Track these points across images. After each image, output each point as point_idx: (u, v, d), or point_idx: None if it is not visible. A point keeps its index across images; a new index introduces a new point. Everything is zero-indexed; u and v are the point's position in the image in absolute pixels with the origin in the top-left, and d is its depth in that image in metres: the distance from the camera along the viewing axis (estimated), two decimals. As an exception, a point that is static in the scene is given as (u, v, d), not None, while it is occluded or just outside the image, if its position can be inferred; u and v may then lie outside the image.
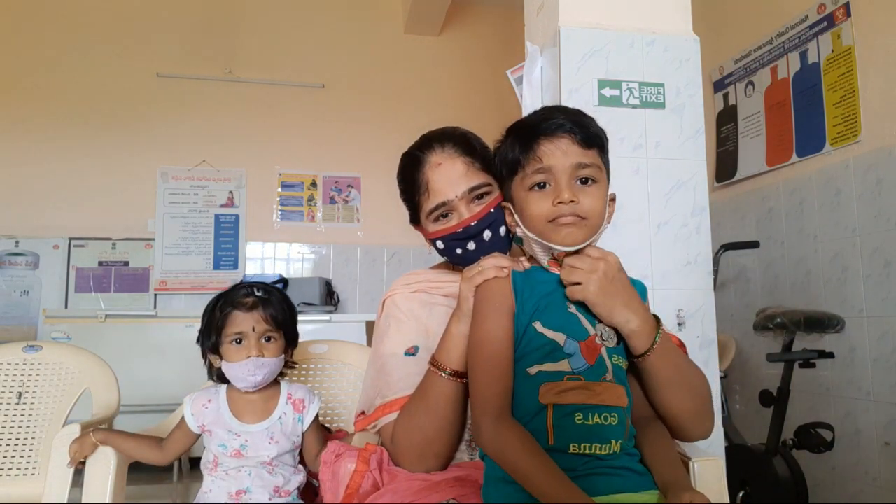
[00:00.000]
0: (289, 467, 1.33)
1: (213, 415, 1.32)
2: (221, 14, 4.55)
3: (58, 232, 4.14)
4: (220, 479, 1.30)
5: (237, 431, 1.31)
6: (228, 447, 1.30)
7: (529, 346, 0.92)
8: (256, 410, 1.33)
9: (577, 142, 0.95)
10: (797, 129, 3.01)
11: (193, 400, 1.35)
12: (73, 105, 4.25)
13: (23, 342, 1.81)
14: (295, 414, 1.34)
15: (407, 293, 1.21)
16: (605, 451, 0.87)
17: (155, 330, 3.52)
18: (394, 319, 1.18)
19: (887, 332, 2.51)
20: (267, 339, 1.30)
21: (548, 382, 0.89)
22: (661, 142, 1.72)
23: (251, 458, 1.29)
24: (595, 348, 0.92)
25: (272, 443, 1.30)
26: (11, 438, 1.72)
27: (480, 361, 0.93)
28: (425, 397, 1.02)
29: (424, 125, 1.35)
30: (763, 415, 2.56)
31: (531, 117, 1.02)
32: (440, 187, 1.14)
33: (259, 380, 1.29)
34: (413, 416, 1.03)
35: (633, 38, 1.74)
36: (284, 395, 1.36)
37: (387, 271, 4.55)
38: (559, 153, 0.94)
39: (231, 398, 1.34)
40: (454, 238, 1.13)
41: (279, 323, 1.32)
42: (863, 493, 2.57)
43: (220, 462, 1.31)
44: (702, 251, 1.71)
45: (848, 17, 2.73)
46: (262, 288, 1.36)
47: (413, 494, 0.96)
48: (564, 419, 0.87)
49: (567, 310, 0.95)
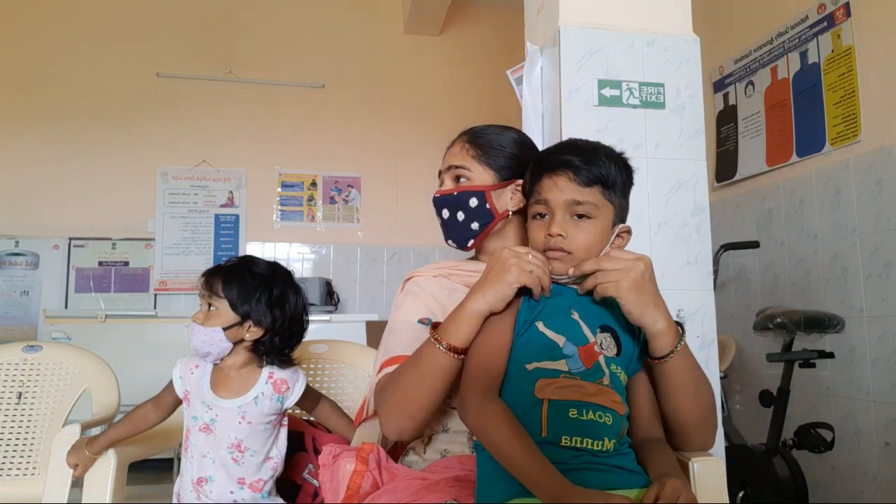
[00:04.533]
0: (257, 457, 1.28)
1: (195, 382, 1.31)
2: (221, 14, 4.55)
3: (58, 232, 4.14)
4: (188, 462, 1.28)
5: (210, 404, 1.29)
6: (199, 420, 1.28)
7: (530, 343, 0.96)
8: (233, 387, 1.31)
9: (575, 179, 1.01)
10: (797, 129, 3.01)
11: (183, 363, 1.34)
12: (73, 105, 4.25)
13: (23, 342, 1.81)
14: (274, 394, 1.31)
15: (429, 276, 1.25)
16: (598, 446, 0.89)
17: (155, 330, 3.52)
18: (412, 294, 1.22)
19: (887, 332, 2.51)
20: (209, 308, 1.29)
21: (544, 378, 0.92)
22: (661, 142, 1.72)
23: (217, 436, 1.27)
24: (593, 354, 0.95)
25: (242, 422, 1.27)
26: (11, 438, 1.73)
27: (477, 348, 0.97)
28: (419, 362, 1.02)
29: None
30: (763, 415, 2.56)
31: (548, 149, 1.12)
32: (444, 160, 1.31)
33: (194, 345, 1.27)
34: (402, 374, 1.04)
35: (633, 38, 1.74)
36: (265, 374, 1.33)
37: (387, 271, 4.55)
38: (556, 189, 1.02)
39: (215, 371, 1.33)
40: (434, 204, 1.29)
41: (220, 293, 1.28)
42: (863, 493, 2.57)
43: (189, 438, 1.28)
44: (702, 251, 1.71)
45: (848, 17, 2.73)
46: (238, 259, 1.34)
47: (412, 494, 0.96)
48: (558, 413, 0.90)
49: (570, 316, 0.97)
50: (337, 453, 1.08)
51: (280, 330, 1.32)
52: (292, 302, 1.34)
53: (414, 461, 1.13)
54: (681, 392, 1.01)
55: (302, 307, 1.37)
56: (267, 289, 1.31)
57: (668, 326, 0.98)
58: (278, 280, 1.34)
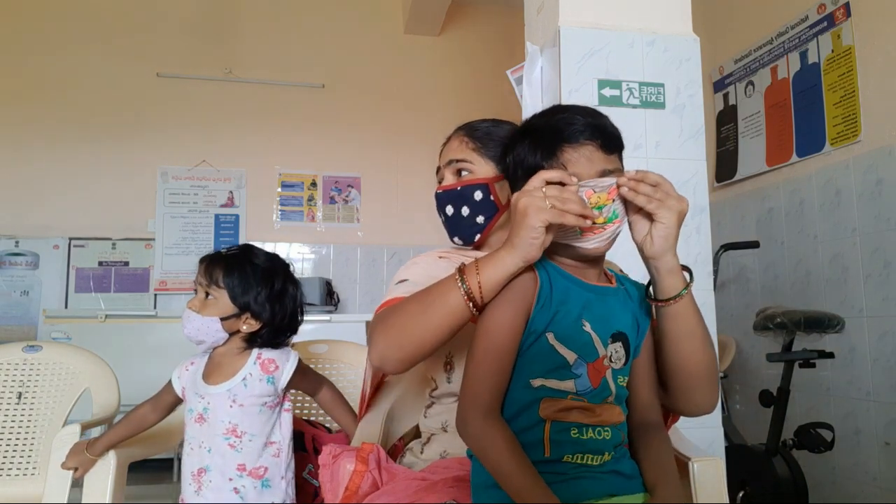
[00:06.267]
0: (257, 441, 1.26)
1: (190, 377, 1.31)
2: (221, 14, 4.55)
3: (58, 232, 4.14)
4: (187, 456, 1.27)
5: (202, 393, 1.28)
6: (194, 411, 1.27)
7: (538, 357, 0.89)
8: (222, 372, 1.29)
9: (601, 147, 0.93)
10: (797, 129, 3.01)
11: (181, 365, 1.35)
12: (74, 105, 4.25)
13: (23, 342, 1.81)
14: (263, 374, 1.28)
15: (434, 256, 1.22)
16: (598, 461, 0.88)
17: (155, 330, 3.53)
18: (413, 264, 1.20)
19: (887, 332, 2.51)
20: (206, 297, 1.28)
21: (549, 398, 0.88)
22: (661, 142, 1.72)
23: (211, 424, 1.25)
24: (602, 370, 0.91)
25: (234, 406, 1.25)
26: (11, 438, 1.73)
27: (482, 351, 0.89)
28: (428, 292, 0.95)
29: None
30: (763, 415, 2.56)
31: (550, 121, 0.97)
32: (442, 156, 1.29)
33: (187, 332, 1.26)
34: (407, 302, 0.98)
35: (633, 38, 1.74)
36: (254, 355, 1.30)
37: (387, 271, 4.55)
38: (584, 160, 0.92)
39: (208, 362, 1.32)
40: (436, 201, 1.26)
41: (220, 283, 1.26)
42: (863, 493, 2.57)
43: (186, 431, 1.28)
44: (702, 251, 1.71)
45: (848, 17, 2.73)
46: (239, 248, 1.32)
47: (411, 495, 0.95)
48: (561, 433, 0.87)
49: (582, 327, 0.91)
50: (337, 453, 1.08)
51: (278, 324, 1.31)
52: (291, 296, 1.34)
53: (412, 462, 1.12)
54: (690, 338, 0.98)
55: (300, 302, 1.37)
56: (268, 283, 1.29)
57: (679, 266, 0.97)
58: (278, 273, 1.32)
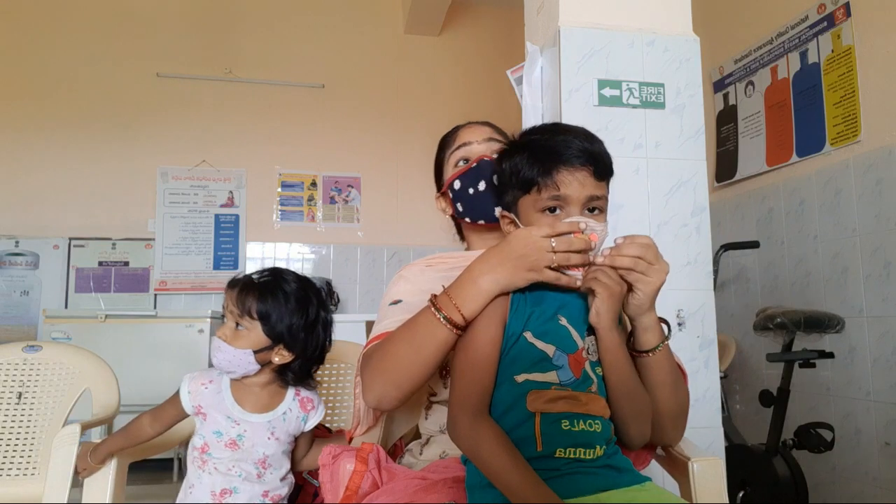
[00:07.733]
0: (278, 473, 1.25)
1: (212, 397, 1.24)
2: (221, 14, 4.55)
3: (58, 232, 4.14)
4: (207, 475, 1.21)
5: (237, 419, 1.23)
6: (224, 435, 1.21)
7: (519, 356, 0.93)
8: (260, 402, 1.25)
9: (593, 174, 0.97)
10: (797, 129, 3.01)
11: (193, 378, 1.27)
12: (73, 105, 4.25)
13: (23, 342, 1.81)
14: (301, 413, 1.27)
15: (422, 266, 1.25)
16: (590, 455, 0.89)
17: (155, 330, 3.53)
18: (402, 280, 1.23)
19: (887, 332, 2.51)
20: (237, 326, 1.21)
21: (535, 391, 0.90)
22: (661, 142, 1.72)
23: (246, 451, 1.22)
24: (581, 361, 0.94)
25: (272, 438, 1.23)
26: (11, 438, 1.72)
27: (464, 361, 0.93)
28: (413, 330, 0.98)
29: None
30: (763, 415, 2.56)
31: (550, 140, 1.00)
32: (466, 136, 1.31)
33: (217, 363, 1.20)
34: (394, 341, 1.00)
35: (633, 38, 1.74)
36: (292, 392, 1.28)
37: (387, 271, 4.55)
38: (576, 184, 0.96)
39: (234, 385, 1.26)
40: (469, 176, 1.25)
41: (253, 314, 1.20)
42: (863, 493, 2.57)
43: (210, 452, 1.22)
44: (702, 251, 1.71)
45: (848, 17, 2.73)
46: (270, 274, 1.24)
47: (411, 495, 0.95)
48: (551, 426, 0.89)
49: (558, 322, 0.95)
50: (337, 453, 1.08)
51: (310, 356, 1.27)
52: (322, 325, 1.28)
53: (411, 463, 1.12)
54: (661, 387, 1.02)
55: (330, 331, 1.30)
56: (302, 312, 1.23)
57: (657, 322, 1.01)
58: (311, 301, 1.26)
